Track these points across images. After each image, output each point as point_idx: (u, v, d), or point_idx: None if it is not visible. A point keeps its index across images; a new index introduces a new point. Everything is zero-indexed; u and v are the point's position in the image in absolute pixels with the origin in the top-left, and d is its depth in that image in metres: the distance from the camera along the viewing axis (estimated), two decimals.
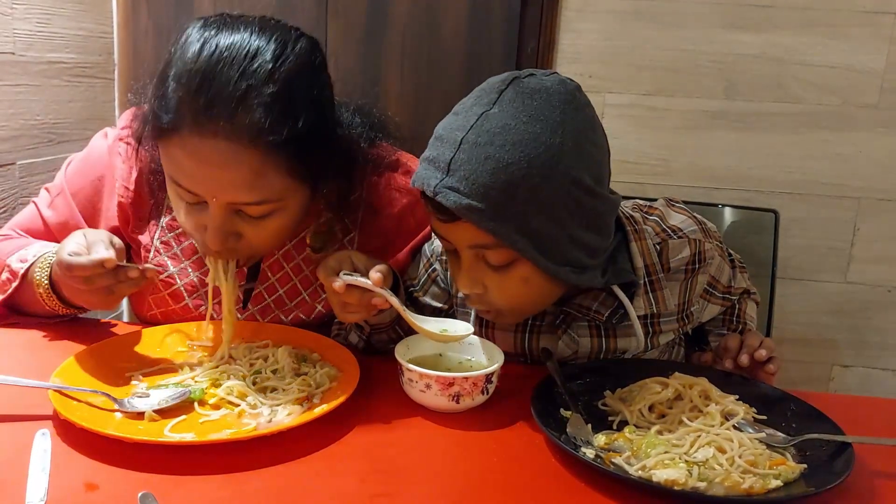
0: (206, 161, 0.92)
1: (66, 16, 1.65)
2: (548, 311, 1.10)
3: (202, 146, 0.91)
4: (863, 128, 1.72)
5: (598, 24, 1.72)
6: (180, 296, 1.15)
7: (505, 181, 0.89)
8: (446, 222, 0.94)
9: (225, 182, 0.93)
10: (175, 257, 1.15)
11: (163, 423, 0.85)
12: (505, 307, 1.01)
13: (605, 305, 1.07)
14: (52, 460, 0.76)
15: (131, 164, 1.14)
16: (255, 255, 1.11)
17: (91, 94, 1.78)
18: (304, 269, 1.15)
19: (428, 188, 0.92)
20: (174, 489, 0.74)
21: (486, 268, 0.97)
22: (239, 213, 0.98)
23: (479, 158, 0.89)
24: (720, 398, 0.93)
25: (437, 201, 0.91)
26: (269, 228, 1.00)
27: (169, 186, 1.00)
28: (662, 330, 1.10)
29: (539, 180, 0.89)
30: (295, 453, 0.82)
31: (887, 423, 1.01)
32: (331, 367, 1.00)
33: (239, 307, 1.13)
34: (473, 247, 0.95)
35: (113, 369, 0.96)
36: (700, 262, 1.10)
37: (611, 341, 1.10)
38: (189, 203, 0.98)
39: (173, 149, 0.94)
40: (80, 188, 1.18)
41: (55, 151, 1.65)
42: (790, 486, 0.79)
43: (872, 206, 1.76)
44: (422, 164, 0.96)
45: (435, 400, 0.92)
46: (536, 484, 0.80)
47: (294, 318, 1.15)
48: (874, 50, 1.68)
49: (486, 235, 0.92)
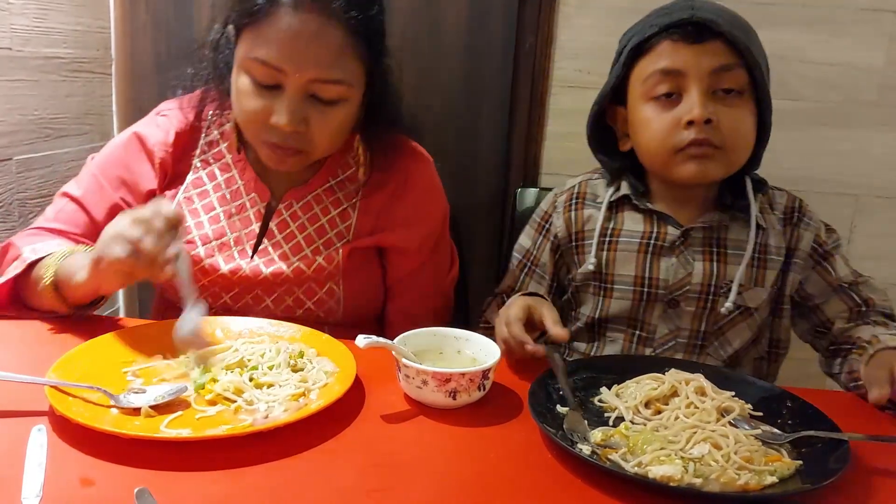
0: (297, 35, 1.06)
1: (63, 11, 1.64)
2: (669, 232, 1.22)
3: (295, 20, 1.06)
4: (863, 125, 1.72)
5: (597, 20, 1.71)
6: (192, 243, 1.23)
7: (743, 21, 1.15)
8: (693, 44, 1.11)
9: (311, 56, 1.07)
10: (194, 212, 1.25)
11: (159, 419, 0.85)
12: (731, 139, 1.13)
13: (724, 221, 1.22)
14: (48, 456, 0.76)
15: (167, 129, 1.26)
16: (307, 157, 1.18)
17: (88, 90, 1.77)
18: (308, 228, 1.25)
19: (684, 11, 1.11)
20: (170, 485, 0.74)
21: (716, 102, 1.12)
22: (311, 98, 1.11)
23: (716, 7, 1.13)
24: (716, 394, 0.93)
25: (689, 24, 1.10)
26: (332, 121, 1.14)
27: (240, 79, 1.12)
28: (767, 267, 1.20)
29: (764, 52, 1.16)
30: (292, 449, 0.82)
31: (883, 420, 1.01)
32: (328, 362, 1.00)
33: (248, 258, 1.24)
34: (714, 70, 1.11)
35: (109, 365, 0.96)
36: (799, 214, 1.24)
37: (721, 267, 1.20)
38: (264, 87, 1.10)
39: (265, 28, 1.07)
40: (114, 157, 1.26)
41: (52, 147, 1.65)
42: (786, 483, 0.79)
43: (870, 204, 1.76)
44: (649, 22, 1.16)
45: (432, 396, 0.92)
46: (533, 480, 0.80)
47: (296, 270, 1.23)
48: (874, 47, 1.67)
49: (729, 55, 1.10)
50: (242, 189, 1.27)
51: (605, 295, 1.25)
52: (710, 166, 1.14)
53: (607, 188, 1.28)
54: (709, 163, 1.13)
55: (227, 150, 1.28)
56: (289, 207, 1.26)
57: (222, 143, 1.28)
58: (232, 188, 1.27)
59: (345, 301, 1.25)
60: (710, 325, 1.21)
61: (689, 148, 1.13)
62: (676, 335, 1.22)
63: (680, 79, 1.12)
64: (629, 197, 1.25)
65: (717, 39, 1.11)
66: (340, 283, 1.24)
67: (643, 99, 1.17)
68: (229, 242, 1.24)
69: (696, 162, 1.13)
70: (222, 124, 1.28)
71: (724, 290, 1.19)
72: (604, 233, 1.25)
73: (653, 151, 1.17)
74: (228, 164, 1.28)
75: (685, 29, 1.11)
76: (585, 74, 1.75)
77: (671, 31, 1.13)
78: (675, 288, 1.20)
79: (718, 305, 1.20)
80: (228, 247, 1.24)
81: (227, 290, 1.24)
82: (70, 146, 1.71)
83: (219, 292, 1.24)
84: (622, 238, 1.24)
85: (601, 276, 1.24)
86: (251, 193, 1.26)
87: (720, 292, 1.20)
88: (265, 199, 1.26)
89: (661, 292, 1.21)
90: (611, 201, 1.26)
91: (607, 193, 1.27)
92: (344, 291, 1.25)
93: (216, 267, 1.22)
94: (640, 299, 1.22)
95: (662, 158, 1.16)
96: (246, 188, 1.27)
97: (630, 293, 1.22)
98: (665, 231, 1.22)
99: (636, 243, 1.23)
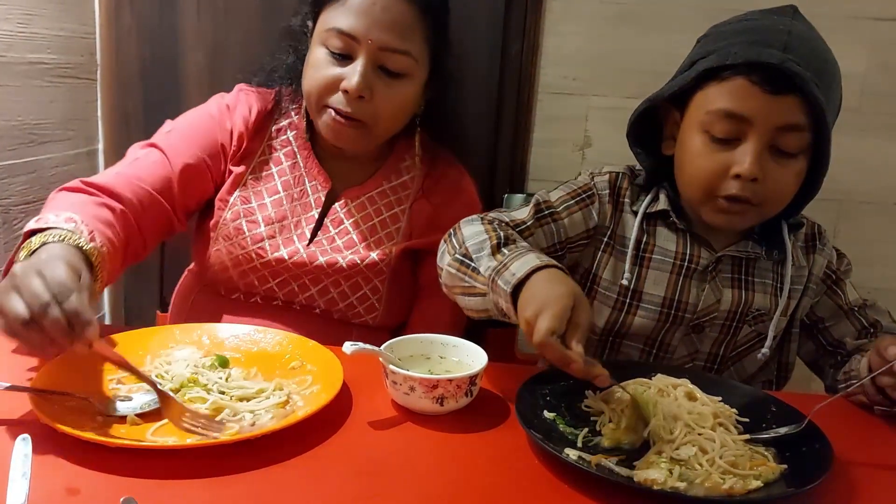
0: (371, 6, 1.17)
1: (48, 16, 1.63)
2: (702, 256, 1.18)
3: None
4: (844, 131, 1.73)
5: (583, 27, 1.72)
6: (255, 223, 1.27)
7: (832, 72, 1.06)
8: (769, 94, 1.02)
9: (384, 24, 1.17)
10: (258, 193, 1.30)
11: (145, 427, 0.84)
12: (771, 198, 1.08)
13: (757, 249, 1.18)
14: (33, 465, 0.75)
15: (250, 105, 1.32)
16: (367, 132, 1.24)
17: (73, 95, 1.76)
18: (361, 226, 1.30)
19: (774, 53, 1.00)
20: (156, 493, 0.74)
21: (771, 158, 1.05)
22: (379, 70, 1.20)
23: (809, 46, 1.04)
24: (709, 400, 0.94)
25: (777, 71, 1.00)
26: (395, 95, 1.22)
27: (315, 51, 1.22)
28: (790, 297, 1.19)
29: (841, 89, 1.09)
30: (279, 456, 0.81)
31: (865, 422, 1.02)
32: (313, 367, 1.00)
33: (305, 243, 1.28)
34: (780, 127, 1.03)
35: (94, 373, 0.95)
36: (817, 240, 1.23)
37: (749, 295, 1.18)
38: (337, 56, 1.19)
39: (340, 4, 1.18)
40: (202, 120, 1.30)
41: (36, 152, 1.64)
42: (770, 487, 0.80)
43: (853, 209, 1.78)
44: (735, 45, 1.05)
45: (419, 402, 0.93)
46: (520, 485, 0.80)
47: (350, 262, 1.27)
48: (854, 54, 1.69)
49: (801, 115, 1.02)
50: (305, 176, 1.31)
51: (628, 311, 1.20)
52: (740, 220, 1.11)
53: (641, 193, 1.22)
54: (741, 217, 1.10)
55: (295, 139, 1.33)
56: (345, 205, 1.31)
57: (290, 132, 1.34)
58: (296, 174, 1.32)
59: (386, 300, 1.29)
60: (728, 351, 1.20)
61: (726, 200, 1.08)
62: (694, 357, 1.21)
63: (743, 125, 1.04)
64: (666, 212, 1.19)
65: (796, 94, 1.01)
66: (386, 280, 1.28)
67: (699, 127, 1.09)
68: (289, 226, 1.28)
69: (727, 215, 1.10)
70: (290, 116, 1.34)
71: (749, 317, 1.18)
72: (637, 245, 1.19)
73: (691, 184, 1.12)
74: (294, 152, 1.33)
75: (767, 73, 1.01)
76: (571, 81, 1.76)
77: (752, 70, 1.02)
78: (703, 314, 1.17)
79: (741, 332, 1.19)
80: (288, 230, 1.28)
81: (275, 276, 1.27)
82: (54, 152, 1.70)
83: (267, 277, 1.27)
84: (655, 255, 1.19)
85: (628, 292, 1.19)
86: (313, 181, 1.31)
87: (745, 319, 1.18)
88: (326, 187, 1.31)
89: (688, 316, 1.18)
90: (647, 213, 1.20)
91: (643, 202, 1.20)
92: (387, 290, 1.29)
93: (275, 248, 1.26)
94: (666, 321, 1.18)
95: (697, 195, 1.12)
96: (308, 175, 1.31)
97: (656, 313, 1.19)
98: (699, 255, 1.18)
99: (669, 263, 1.18)
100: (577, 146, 1.76)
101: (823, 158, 1.07)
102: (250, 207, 1.28)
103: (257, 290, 1.28)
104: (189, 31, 1.84)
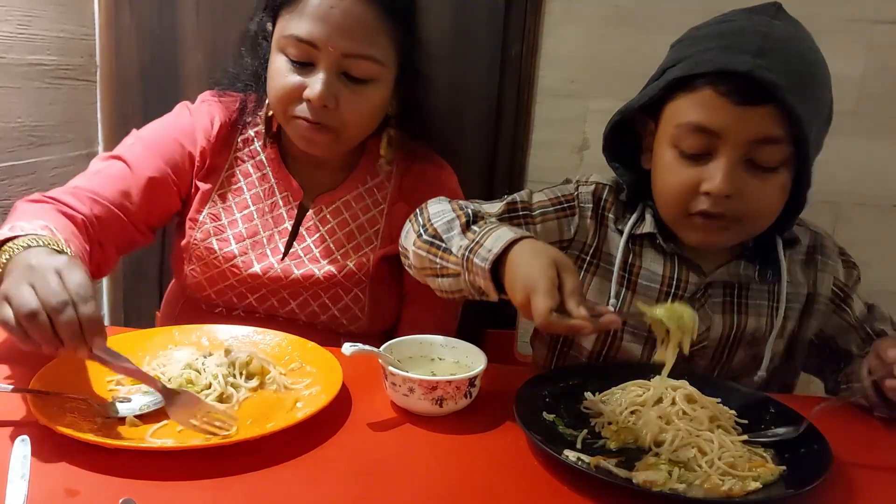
0: (329, 11, 1.11)
1: (47, 17, 1.63)
2: (691, 280, 1.12)
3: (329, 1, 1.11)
4: (841, 134, 1.73)
5: (582, 29, 1.72)
6: (226, 241, 1.24)
7: (815, 74, 0.97)
8: (740, 105, 0.95)
9: (343, 30, 1.11)
10: (228, 209, 1.27)
11: (144, 429, 0.85)
12: (752, 214, 1.01)
13: (749, 271, 1.12)
14: (32, 467, 0.75)
15: (212, 117, 1.28)
16: (338, 137, 1.19)
17: (73, 97, 1.76)
18: (338, 232, 1.27)
19: (744, 60, 0.93)
20: (156, 494, 0.74)
21: (746, 172, 0.98)
22: (343, 76, 1.15)
23: (787, 49, 0.95)
24: (710, 403, 0.94)
25: (747, 80, 0.92)
26: (362, 101, 1.17)
27: (276, 60, 1.16)
28: (788, 317, 1.13)
29: (829, 91, 1.00)
30: (278, 458, 0.82)
31: (864, 424, 1.03)
32: (312, 369, 1.00)
33: (280, 256, 1.25)
34: (755, 140, 0.96)
35: (93, 374, 0.95)
36: (819, 255, 1.16)
37: (741, 319, 1.12)
38: (298, 64, 1.14)
39: (298, 8, 1.12)
40: (165, 133, 1.26)
41: (36, 154, 1.63)
42: (769, 488, 0.80)
43: (850, 211, 1.78)
44: (707, 52, 0.98)
45: (418, 404, 0.93)
46: (520, 487, 0.80)
47: (326, 274, 1.24)
48: (852, 57, 1.69)
49: (777, 127, 0.95)
50: (275, 187, 1.28)
51: (614, 336, 1.15)
52: (722, 237, 1.05)
53: (626, 210, 1.16)
54: (721, 234, 1.04)
55: (262, 149, 1.30)
56: (319, 212, 1.28)
57: (257, 142, 1.30)
58: (265, 186, 1.28)
59: (369, 308, 1.26)
60: (723, 374, 1.15)
61: (700, 217, 1.02)
62: None
63: (714, 139, 0.98)
64: (653, 234, 1.12)
65: (771, 104, 0.94)
66: (367, 289, 1.26)
67: (670, 141, 1.03)
68: (262, 241, 1.26)
69: (704, 232, 1.04)
70: (257, 123, 1.29)
71: (744, 342, 1.13)
72: (623, 266, 1.14)
73: (664, 201, 1.07)
74: (262, 162, 1.29)
75: (737, 83, 0.94)
76: (570, 83, 1.76)
77: (721, 79, 0.95)
78: (692, 343, 1.09)
79: (735, 357, 1.14)
80: (261, 245, 1.25)
81: (252, 292, 1.25)
82: (54, 154, 1.70)
83: (245, 293, 1.25)
84: (641, 280, 1.13)
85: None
86: (284, 192, 1.28)
87: (738, 343, 1.13)
88: (298, 198, 1.28)
89: None
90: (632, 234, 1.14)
91: (627, 222, 1.14)
92: (369, 298, 1.26)
93: (248, 264, 1.23)
94: (653, 348, 1.06)
95: (671, 213, 1.07)
96: (279, 186, 1.28)
97: (642, 340, 1.14)
98: (687, 279, 1.11)
99: (655, 289, 1.12)
100: (575, 148, 1.76)
101: (805, 172, 1.00)
102: (220, 225, 1.25)
103: (237, 305, 1.26)
104: (189, 32, 1.83)
